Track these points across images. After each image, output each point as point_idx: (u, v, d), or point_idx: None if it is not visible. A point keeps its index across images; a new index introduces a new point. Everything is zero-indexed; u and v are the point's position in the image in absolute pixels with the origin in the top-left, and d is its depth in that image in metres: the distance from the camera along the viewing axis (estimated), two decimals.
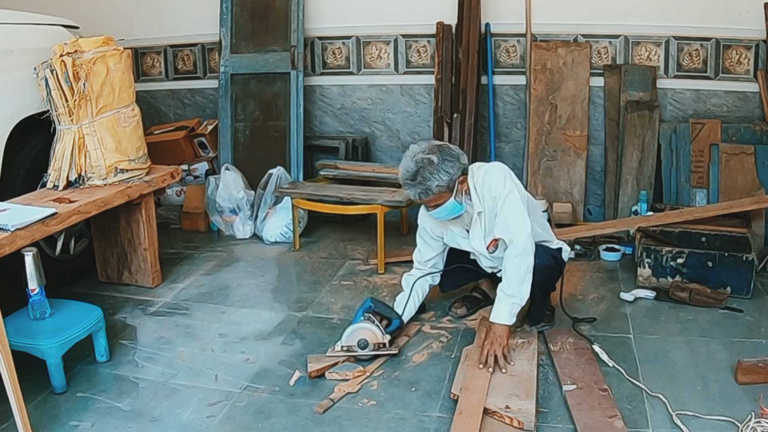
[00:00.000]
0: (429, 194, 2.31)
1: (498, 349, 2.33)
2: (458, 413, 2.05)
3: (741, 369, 2.24)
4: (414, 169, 2.28)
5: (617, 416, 2.03)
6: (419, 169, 2.27)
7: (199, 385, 2.35)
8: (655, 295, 2.97)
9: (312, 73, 4.38)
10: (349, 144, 4.23)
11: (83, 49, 2.82)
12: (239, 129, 4.32)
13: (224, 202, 3.95)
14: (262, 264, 3.53)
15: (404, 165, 2.32)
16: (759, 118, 3.73)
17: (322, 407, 2.17)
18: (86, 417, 2.16)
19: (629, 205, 3.80)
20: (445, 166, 2.29)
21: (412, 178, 2.29)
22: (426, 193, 2.30)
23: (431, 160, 2.28)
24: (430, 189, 2.29)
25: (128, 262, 3.20)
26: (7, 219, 2.33)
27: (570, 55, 3.91)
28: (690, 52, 3.81)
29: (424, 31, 4.13)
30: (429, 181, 2.28)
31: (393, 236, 3.86)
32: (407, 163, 2.31)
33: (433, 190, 2.30)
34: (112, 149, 2.91)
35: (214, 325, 2.83)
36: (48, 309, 2.38)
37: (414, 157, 2.30)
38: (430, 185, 2.28)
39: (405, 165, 2.32)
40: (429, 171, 2.27)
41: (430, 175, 2.27)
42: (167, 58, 4.67)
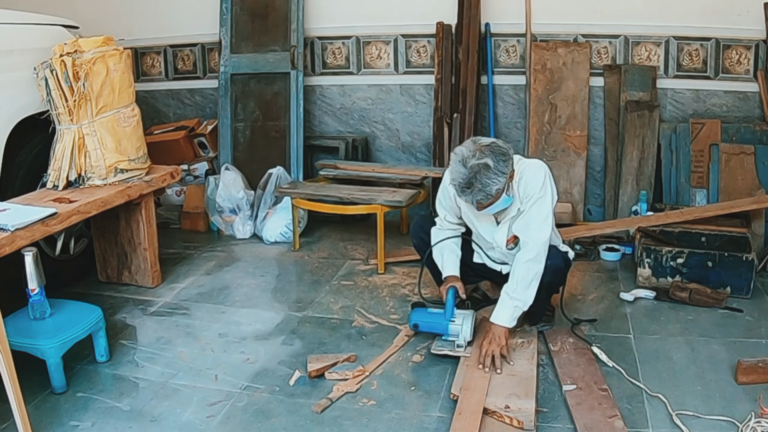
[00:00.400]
0: (489, 198, 2.23)
1: (496, 350, 2.33)
2: (458, 413, 2.05)
3: (741, 369, 2.24)
4: (469, 175, 2.18)
5: (617, 416, 2.03)
6: (475, 175, 2.17)
7: (199, 385, 2.35)
8: (655, 295, 2.97)
9: (312, 73, 4.38)
10: (349, 144, 4.23)
11: (83, 49, 2.82)
12: (239, 129, 4.32)
13: (224, 202, 3.95)
14: (262, 264, 3.53)
15: (457, 171, 2.21)
16: (759, 118, 3.73)
17: (320, 407, 2.17)
18: (86, 417, 2.16)
19: (629, 205, 3.80)
20: (500, 167, 2.19)
21: (469, 185, 2.19)
22: (487, 198, 2.22)
23: (487, 164, 2.17)
24: (490, 194, 2.21)
25: (128, 262, 3.20)
26: (7, 219, 2.33)
27: (570, 55, 3.91)
28: (690, 52, 3.81)
29: (424, 31, 4.13)
30: (488, 186, 2.18)
31: (393, 236, 3.86)
32: (459, 169, 2.20)
33: (493, 195, 2.21)
34: (112, 149, 2.91)
35: (214, 325, 2.83)
36: (48, 309, 2.38)
37: (465, 162, 2.19)
38: (490, 190, 2.19)
39: (458, 171, 2.20)
40: (487, 176, 2.17)
41: (489, 180, 2.18)
42: (167, 58, 4.67)
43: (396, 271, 3.36)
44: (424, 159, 4.32)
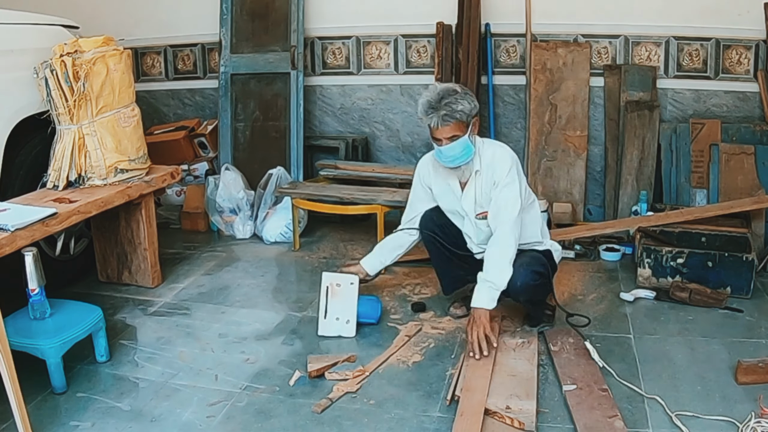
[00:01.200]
0: (452, 119, 2.39)
1: (480, 333, 2.38)
2: (459, 414, 2.05)
3: (741, 369, 2.24)
4: (439, 95, 2.40)
5: (617, 416, 2.03)
6: (444, 95, 2.40)
7: (199, 385, 2.35)
8: (655, 295, 2.97)
9: (312, 73, 4.38)
10: (349, 144, 4.23)
11: (83, 49, 2.82)
12: (239, 129, 4.32)
13: (224, 202, 3.95)
14: (262, 264, 3.53)
15: (427, 94, 2.43)
16: (759, 118, 3.73)
17: (320, 407, 2.17)
18: (86, 417, 2.16)
19: (629, 205, 3.80)
20: (466, 98, 2.42)
21: (438, 100, 2.39)
22: (450, 117, 2.39)
23: (455, 89, 2.42)
24: (455, 112, 2.39)
25: (128, 262, 3.20)
26: (7, 219, 2.33)
27: (570, 55, 3.91)
28: (690, 52, 3.81)
29: (424, 31, 4.13)
30: (454, 104, 2.39)
31: None
32: (430, 92, 2.43)
33: (456, 115, 2.39)
34: (112, 149, 2.92)
35: (214, 325, 2.83)
36: (48, 309, 2.38)
37: (436, 89, 2.44)
38: (455, 107, 2.39)
39: (428, 94, 2.43)
40: (454, 97, 2.40)
41: (455, 100, 2.39)
42: (167, 58, 4.67)
43: (396, 272, 3.36)
44: None
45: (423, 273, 3.30)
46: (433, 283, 3.17)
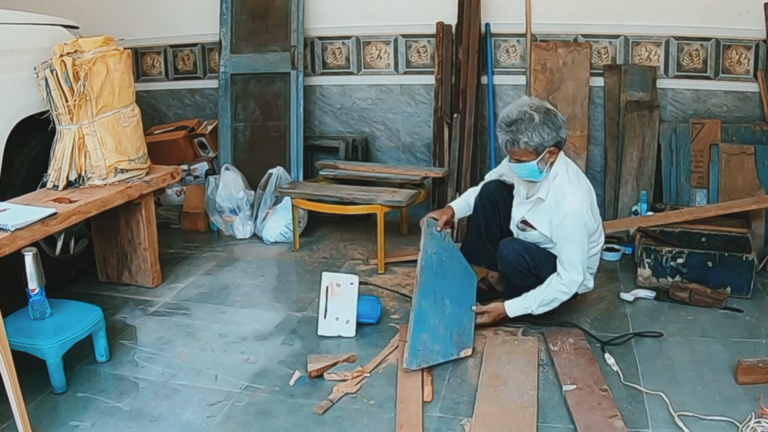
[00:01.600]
0: (515, 146, 2.41)
1: (488, 321, 2.59)
2: (399, 427, 2.04)
3: (741, 369, 2.24)
4: (514, 118, 2.38)
5: (617, 416, 2.03)
6: (518, 120, 2.37)
7: (199, 385, 2.35)
8: (655, 295, 2.97)
9: (312, 73, 4.38)
10: (349, 144, 4.23)
11: (83, 49, 2.82)
12: (239, 129, 4.32)
13: (224, 202, 3.95)
14: (262, 264, 3.53)
15: (508, 110, 2.43)
16: (759, 118, 3.73)
17: (321, 408, 2.17)
18: (86, 417, 2.16)
19: (629, 205, 3.80)
20: (542, 129, 2.37)
21: (508, 125, 2.39)
22: (513, 144, 2.41)
23: (533, 117, 2.37)
24: (518, 142, 2.39)
25: (128, 262, 3.20)
26: (7, 219, 2.33)
27: (570, 55, 3.91)
28: (690, 52, 3.81)
29: (424, 31, 4.13)
30: (520, 134, 2.37)
31: (393, 236, 3.86)
32: (511, 109, 2.42)
33: (519, 145, 2.39)
34: (112, 149, 2.92)
35: (214, 325, 2.83)
36: (48, 309, 2.38)
37: (520, 107, 2.40)
38: (519, 139, 2.38)
39: (508, 110, 2.42)
40: (525, 126, 2.36)
41: (524, 130, 2.36)
42: (167, 58, 4.67)
43: (396, 272, 3.36)
44: (424, 159, 4.32)
45: None
46: None
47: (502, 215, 2.77)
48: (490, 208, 2.77)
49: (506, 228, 2.78)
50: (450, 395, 2.24)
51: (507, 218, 2.76)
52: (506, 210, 2.76)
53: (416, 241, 3.78)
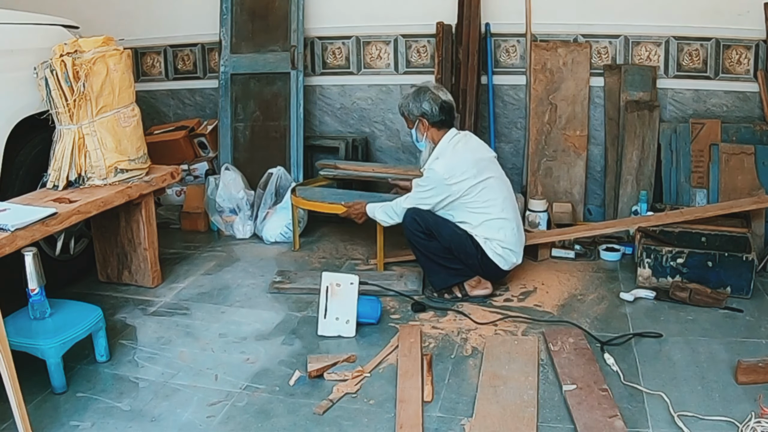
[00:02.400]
0: (400, 111, 3.09)
1: (353, 214, 3.24)
2: (399, 427, 2.04)
3: (741, 369, 2.24)
4: (412, 88, 3.04)
5: (617, 416, 2.03)
6: (412, 91, 3.00)
7: (199, 385, 2.35)
8: (655, 295, 2.97)
9: (312, 73, 4.38)
10: (349, 144, 4.22)
11: (83, 49, 2.82)
12: (239, 129, 4.32)
13: (224, 202, 3.95)
14: (262, 264, 3.53)
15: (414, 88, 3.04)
16: (759, 118, 3.73)
17: (321, 408, 2.17)
18: (86, 417, 2.16)
19: (629, 205, 3.80)
20: (417, 101, 2.96)
21: (404, 95, 3.06)
22: (399, 107, 3.09)
23: (417, 89, 3.00)
24: (400, 107, 3.07)
25: (128, 262, 3.20)
26: (7, 219, 2.33)
27: (570, 55, 3.91)
28: (690, 52, 3.81)
29: (424, 31, 4.13)
30: (400, 101, 3.08)
31: (393, 236, 3.85)
32: (417, 86, 3.04)
33: (400, 110, 3.07)
34: (112, 149, 2.91)
35: (214, 325, 2.83)
36: (48, 309, 2.38)
37: (424, 83, 3.06)
38: (399, 104, 3.10)
39: (415, 87, 3.04)
40: (408, 94, 3.02)
41: (404, 99, 3.03)
42: (167, 58, 4.67)
43: (396, 271, 3.36)
44: None
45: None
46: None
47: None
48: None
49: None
50: (450, 395, 2.24)
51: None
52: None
53: None
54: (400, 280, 3.20)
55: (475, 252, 2.91)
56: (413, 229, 2.92)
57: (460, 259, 2.92)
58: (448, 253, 2.92)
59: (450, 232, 2.91)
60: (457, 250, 2.91)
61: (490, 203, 2.92)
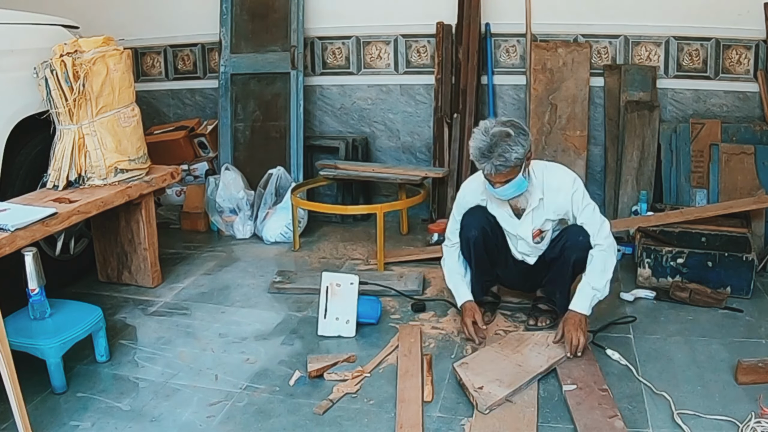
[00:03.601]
0: (506, 167, 2.31)
1: (581, 337, 2.40)
2: (399, 427, 2.04)
3: (741, 369, 2.24)
4: (490, 142, 2.29)
5: (617, 416, 2.03)
6: (496, 142, 2.29)
7: (199, 385, 2.35)
8: (655, 295, 2.97)
9: (312, 73, 4.38)
10: (349, 144, 4.23)
11: (83, 49, 2.82)
12: (239, 129, 4.32)
13: (224, 202, 3.95)
14: (262, 264, 3.53)
15: (479, 139, 2.32)
16: (759, 118, 3.73)
17: (321, 408, 2.17)
18: (86, 417, 2.16)
19: (629, 205, 3.80)
20: (520, 140, 2.31)
21: (489, 150, 2.29)
22: (504, 166, 2.31)
23: (508, 132, 2.30)
24: (509, 161, 2.29)
25: (128, 262, 3.20)
26: (7, 219, 2.33)
27: (570, 55, 3.91)
28: (690, 52, 3.81)
29: (424, 31, 4.13)
30: (508, 153, 2.28)
31: (393, 236, 3.86)
32: (481, 137, 2.32)
33: (511, 162, 2.30)
34: (112, 149, 2.92)
35: (214, 325, 2.83)
36: (48, 309, 2.38)
37: (487, 131, 2.32)
38: (509, 157, 2.29)
39: (479, 139, 2.32)
40: (507, 143, 2.29)
41: (509, 147, 2.28)
42: (167, 58, 4.67)
43: (395, 271, 3.36)
44: (424, 159, 4.32)
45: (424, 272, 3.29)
46: (435, 282, 3.17)
47: (497, 234, 2.65)
48: (483, 243, 2.62)
49: (503, 239, 2.69)
50: (450, 395, 2.24)
51: (501, 233, 2.67)
52: (497, 226, 2.64)
53: (415, 242, 3.81)
54: (400, 280, 3.19)
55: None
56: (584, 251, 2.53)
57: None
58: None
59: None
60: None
61: None
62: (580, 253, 2.52)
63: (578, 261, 2.54)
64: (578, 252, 2.52)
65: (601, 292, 2.49)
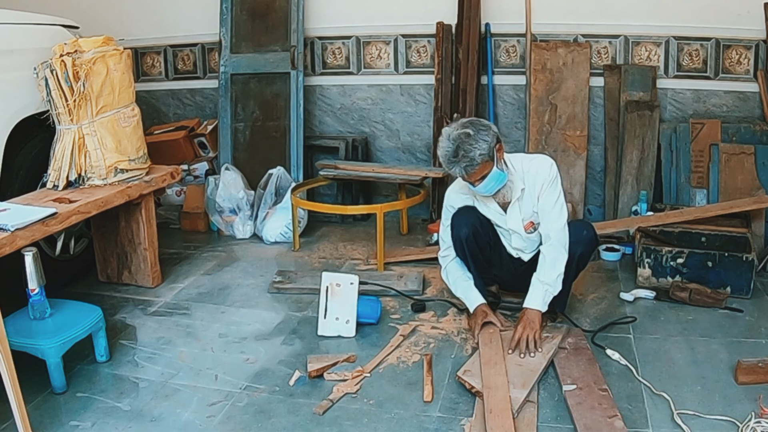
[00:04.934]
0: (474, 165, 2.35)
1: (530, 334, 2.41)
2: (488, 411, 2.05)
3: (741, 369, 2.24)
4: (453, 146, 2.34)
5: (617, 416, 2.03)
6: (459, 145, 2.33)
7: (199, 385, 2.35)
8: (655, 295, 2.97)
9: (312, 73, 4.38)
10: (349, 144, 4.23)
11: (83, 49, 2.82)
12: (239, 129, 4.32)
13: (224, 202, 3.95)
14: (262, 264, 3.53)
15: (443, 146, 2.37)
16: (759, 118, 3.73)
17: (321, 408, 2.17)
18: (86, 417, 2.16)
19: (629, 205, 3.80)
20: (481, 136, 2.34)
21: (455, 154, 2.34)
22: (471, 165, 2.34)
23: (467, 133, 2.34)
24: (474, 159, 2.33)
25: (128, 262, 3.20)
26: (7, 219, 2.33)
27: (570, 55, 3.91)
28: (690, 52, 3.81)
29: (424, 31, 4.13)
30: (472, 152, 2.32)
31: (392, 236, 3.86)
32: (445, 143, 2.36)
33: (477, 160, 2.34)
34: (112, 149, 2.92)
35: (214, 325, 2.83)
36: (48, 309, 2.38)
37: (449, 136, 2.36)
38: (474, 156, 2.33)
39: (444, 146, 2.37)
40: (468, 143, 2.32)
41: (471, 147, 2.32)
42: (167, 58, 4.68)
43: (395, 271, 3.36)
44: (424, 159, 4.32)
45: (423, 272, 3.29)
46: (435, 282, 3.17)
47: (488, 231, 2.67)
48: (474, 240, 2.63)
49: (495, 236, 2.68)
50: (450, 395, 2.24)
51: (492, 230, 2.67)
52: (488, 224, 2.65)
53: (415, 242, 3.81)
54: (400, 280, 3.19)
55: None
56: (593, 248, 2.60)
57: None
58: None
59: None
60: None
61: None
62: (584, 247, 2.57)
63: (583, 255, 2.59)
64: (583, 246, 2.56)
65: (553, 286, 2.49)
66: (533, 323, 2.44)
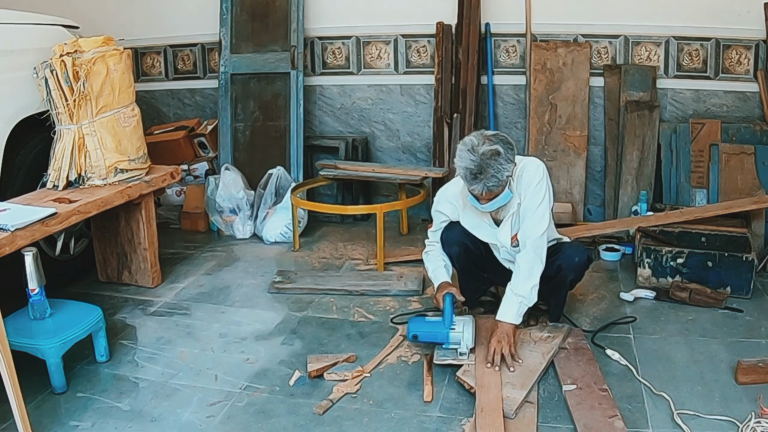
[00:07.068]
0: (499, 186, 2.23)
1: (505, 348, 2.31)
2: (479, 410, 2.06)
3: (741, 369, 2.24)
4: (480, 161, 2.18)
5: (617, 416, 2.03)
6: (488, 163, 2.17)
7: (199, 385, 2.35)
8: (655, 295, 2.97)
9: (312, 73, 4.38)
10: (349, 144, 4.23)
11: (83, 49, 2.82)
12: (239, 129, 4.32)
13: (224, 202, 3.95)
14: (262, 264, 3.53)
15: (465, 157, 2.20)
16: (759, 118, 3.73)
17: (321, 408, 2.17)
18: (86, 417, 2.16)
19: (629, 205, 3.80)
20: (509, 155, 2.22)
21: (480, 171, 2.18)
22: (498, 185, 2.22)
23: (497, 150, 2.19)
24: (502, 180, 2.21)
25: (128, 262, 3.20)
26: (7, 219, 2.33)
27: (570, 55, 3.91)
28: (690, 52, 3.81)
29: (424, 31, 4.13)
30: (500, 173, 2.19)
31: (392, 236, 3.86)
32: (467, 156, 2.19)
33: (504, 181, 2.22)
34: (112, 149, 2.92)
35: (214, 325, 2.83)
36: (48, 309, 2.38)
37: (473, 149, 2.19)
38: (501, 176, 2.20)
39: (467, 159, 2.20)
40: (498, 162, 2.18)
41: (500, 167, 2.19)
42: (167, 58, 4.67)
43: (395, 271, 3.36)
44: (424, 159, 4.32)
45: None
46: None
47: (479, 246, 2.57)
48: (465, 255, 2.57)
49: (486, 247, 2.60)
50: (450, 395, 2.24)
51: (482, 243, 2.58)
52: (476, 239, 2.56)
53: (415, 242, 3.80)
54: (400, 280, 3.19)
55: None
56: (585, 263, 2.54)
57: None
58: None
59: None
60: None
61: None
62: (575, 274, 2.57)
63: (574, 280, 2.60)
64: (574, 273, 2.55)
65: (527, 298, 2.36)
66: (508, 336, 2.33)
